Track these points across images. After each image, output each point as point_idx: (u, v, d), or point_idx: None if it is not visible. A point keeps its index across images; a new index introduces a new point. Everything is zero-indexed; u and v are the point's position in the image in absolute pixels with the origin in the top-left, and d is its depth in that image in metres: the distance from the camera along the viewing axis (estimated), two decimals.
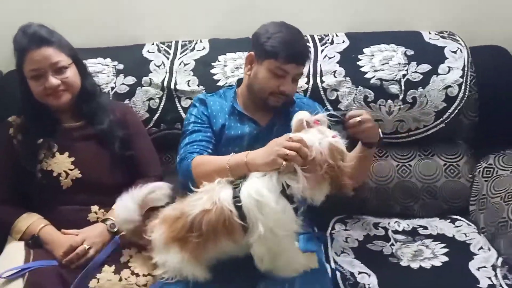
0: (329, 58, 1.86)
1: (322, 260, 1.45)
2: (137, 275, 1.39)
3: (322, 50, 1.88)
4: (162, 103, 1.83)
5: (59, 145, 1.56)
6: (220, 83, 1.82)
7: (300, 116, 1.29)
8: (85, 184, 1.55)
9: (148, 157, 1.68)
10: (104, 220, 1.51)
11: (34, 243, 1.45)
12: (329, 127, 1.30)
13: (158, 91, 1.84)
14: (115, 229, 1.48)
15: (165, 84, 1.83)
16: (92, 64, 1.87)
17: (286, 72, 1.47)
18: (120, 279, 1.36)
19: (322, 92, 1.80)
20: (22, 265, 1.35)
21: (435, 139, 1.84)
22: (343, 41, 1.91)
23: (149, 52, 1.93)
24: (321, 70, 1.83)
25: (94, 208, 1.54)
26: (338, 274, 1.43)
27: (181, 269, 1.27)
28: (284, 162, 1.20)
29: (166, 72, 1.86)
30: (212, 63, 1.87)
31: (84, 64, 1.66)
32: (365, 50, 1.86)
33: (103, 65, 1.89)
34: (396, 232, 1.68)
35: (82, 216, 1.52)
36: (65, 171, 1.53)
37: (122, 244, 1.47)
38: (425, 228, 1.69)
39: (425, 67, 1.80)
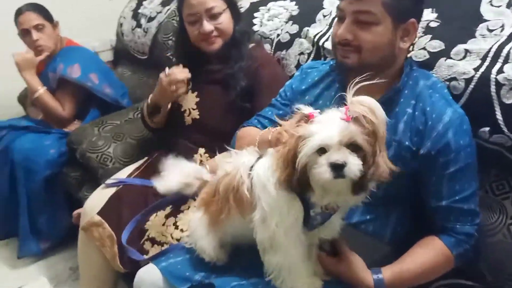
0: None
1: None
2: (177, 227, 1.41)
3: None
4: (309, 60, 1.58)
5: (193, 84, 1.65)
6: None
7: (301, 113, 0.93)
8: (200, 126, 1.62)
9: None
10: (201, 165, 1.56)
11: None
12: None
13: (309, 46, 1.60)
14: None
15: (316, 38, 1.56)
16: (276, 7, 1.79)
17: (342, 11, 1.11)
18: (163, 224, 1.42)
19: (493, 88, 1.12)
20: (120, 178, 1.62)
21: None
22: None
23: None
24: (508, 53, 1.11)
25: (201, 150, 1.61)
26: None
27: (196, 238, 1.20)
28: None
29: (326, 25, 1.57)
30: None
31: (239, 10, 1.62)
32: None
33: (284, 8, 1.77)
34: None
35: (189, 154, 1.60)
36: (189, 109, 1.64)
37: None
38: None
39: None
